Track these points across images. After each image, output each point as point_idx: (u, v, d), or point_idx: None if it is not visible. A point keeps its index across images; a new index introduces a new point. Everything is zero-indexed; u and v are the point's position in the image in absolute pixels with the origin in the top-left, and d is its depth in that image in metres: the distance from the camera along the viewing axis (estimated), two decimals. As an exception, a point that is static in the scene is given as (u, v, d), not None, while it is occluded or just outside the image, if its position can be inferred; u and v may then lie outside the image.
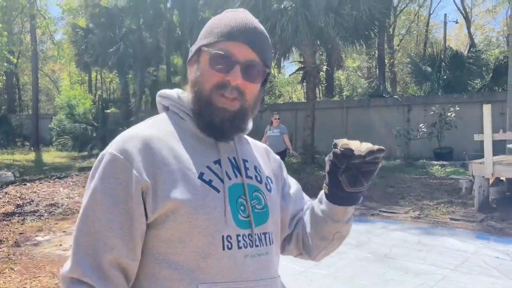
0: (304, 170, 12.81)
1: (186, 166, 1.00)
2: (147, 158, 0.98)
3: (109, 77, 30.85)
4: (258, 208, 1.05)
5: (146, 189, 0.96)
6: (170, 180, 0.97)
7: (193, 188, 0.98)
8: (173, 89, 1.16)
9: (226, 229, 0.98)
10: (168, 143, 1.02)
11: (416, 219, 6.84)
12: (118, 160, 0.97)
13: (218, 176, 1.02)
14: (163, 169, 0.97)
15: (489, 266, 4.60)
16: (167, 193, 0.95)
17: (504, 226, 6.23)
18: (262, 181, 1.11)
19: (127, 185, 0.95)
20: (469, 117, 13.90)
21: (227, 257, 0.97)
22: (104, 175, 0.97)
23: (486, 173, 7.06)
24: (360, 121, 16.74)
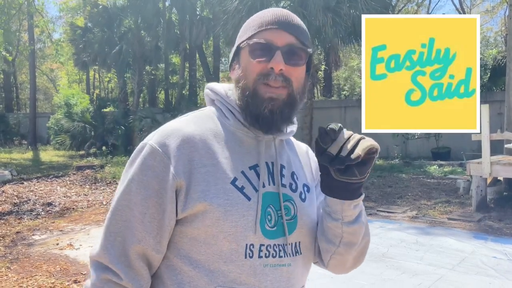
0: (302, 170, 12.78)
1: (221, 170, 0.99)
2: (185, 156, 0.98)
3: (107, 76, 30.79)
4: (287, 219, 1.03)
5: (180, 187, 0.97)
6: (203, 182, 0.97)
7: (224, 193, 0.97)
8: (221, 84, 1.15)
9: (251, 237, 0.98)
10: (207, 142, 1.02)
11: (414, 219, 6.85)
12: (157, 153, 0.98)
13: (252, 183, 1.01)
14: (198, 170, 0.98)
15: (486, 266, 4.60)
16: (199, 194, 0.96)
17: (501, 226, 6.23)
18: (298, 189, 1.08)
19: (163, 180, 0.97)
20: (467, 117, 13.90)
21: (248, 265, 0.98)
22: (143, 166, 0.99)
23: (484, 173, 7.07)
24: (358, 121, 16.69)
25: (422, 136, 14.07)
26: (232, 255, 0.97)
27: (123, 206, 0.99)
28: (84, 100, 19.52)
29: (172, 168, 0.97)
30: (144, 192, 0.98)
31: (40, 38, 28.91)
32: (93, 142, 18.29)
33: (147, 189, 0.97)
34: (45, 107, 37.56)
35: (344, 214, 1.02)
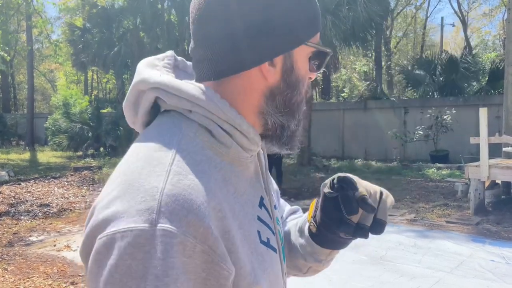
0: (300, 172, 12.81)
1: (247, 227, 0.69)
2: (220, 230, 0.62)
3: (105, 77, 30.77)
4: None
5: (232, 283, 0.63)
6: (245, 257, 0.66)
7: (263, 260, 0.70)
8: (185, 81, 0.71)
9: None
10: (223, 194, 0.66)
11: (412, 222, 6.84)
12: (186, 243, 0.57)
13: (269, 227, 0.75)
14: (235, 242, 0.64)
15: (484, 269, 4.60)
16: (248, 278, 0.65)
17: (499, 230, 6.24)
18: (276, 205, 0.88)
19: (207, 279, 0.59)
20: (465, 120, 13.95)
21: None
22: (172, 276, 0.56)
23: (482, 176, 7.08)
24: (356, 123, 16.77)
25: (421, 138, 14.10)
26: None
27: None
28: (83, 101, 19.50)
29: (218, 259, 0.60)
30: None
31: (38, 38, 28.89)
32: (91, 143, 18.26)
33: None
34: (42, 108, 37.53)
35: (330, 257, 0.91)
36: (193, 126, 0.69)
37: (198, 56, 0.73)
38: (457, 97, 15.04)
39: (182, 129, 0.68)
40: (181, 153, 0.64)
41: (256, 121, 0.73)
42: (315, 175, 12.16)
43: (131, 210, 0.57)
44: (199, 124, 0.69)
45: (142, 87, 0.71)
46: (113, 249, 0.56)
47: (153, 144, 0.66)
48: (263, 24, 0.68)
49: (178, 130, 0.68)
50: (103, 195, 0.63)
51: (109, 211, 0.59)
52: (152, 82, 0.70)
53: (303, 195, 9.25)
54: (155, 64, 0.75)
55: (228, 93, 0.71)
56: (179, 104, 0.69)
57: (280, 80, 0.72)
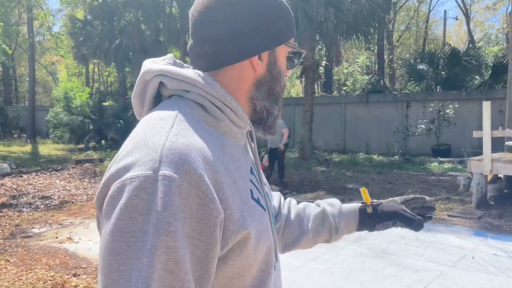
0: (302, 165, 12.80)
1: (240, 184, 0.81)
2: (212, 180, 0.73)
3: (106, 70, 30.71)
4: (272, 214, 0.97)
5: (221, 222, 0.73)
6: (235, 206, 0.76)
7: (253, 212, 0.80)
8: (185, 68, 0.88)
9: (275, 249, 0.89)
10: (218, 155, 0.78)
11: (414, 215, 6.83)
12: (181, 186, 0.69)
13: (259, 190, 0.87)
14: (227, 193, 0.75)
15: (486, 263, 4.59)
16: (237, 223, 0.75)
17: (501, 223, 6.23)
18: (262, 179, 0.97)
19: (201, 220, 0.70)
20: (468, 114, 13.91)
21: (273, 279, 0.88)
22: (170, 211, 0.67)
23: (485, 170, 7.06)
24: (358, 117, 16.74)
25: (423, 132, 14.06)
26: (263, 277, 0.84)
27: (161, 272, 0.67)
28: (84, 93, 19.48)
29: (209, 201, 0.71)
30: (183, 244, 0.68)
31: (40, 31, 28.81)
32: (92, 135, 18.27)
33: (185, 239, 0.68)
34: (44, 100, 37.51)
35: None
36: (190, 104, 0.83)
37: (197, 52, 0.88)
38: (460, 91, 14.98)
39: (180, 105, 0.82)
40: (179, 121, 0.78)
41: (246, 105, 0.89)
42: (317, 169, 12.15)
43: (138, 161, 0.70)
44: (195, 102, 0.83)
45: (147, 77, 0.85)
46: (123, 192, 0.68)
47: (156, 116, 0.81)
48: (256, 25, 0.86)
49: (177, 106, 0.82)
50: (117, 156, 0.76)
51: (121, 164, 0.72)
52: (156, 70, 0.85)
53: (305, 188, 9.24)
54: (156, 62, 0.89)
55: (223, 81, 0.86)
56: (178, 86, 0.84)
57: (266, 72, 0.89)
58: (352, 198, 8.15)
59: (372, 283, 4.05)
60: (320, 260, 4.68)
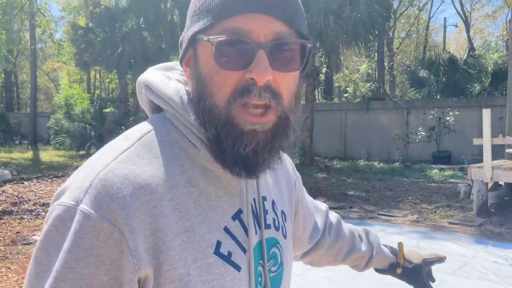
0: (302, 172, 12.77)
1: (200, 234, 0.66)
2: (147, 225, 0.62)
3: (108, 77, 30.85)
4: (273, 271, 0.80)
5: (146, 279, 0.63)
6: (179, 262, 0.64)
7: (208, 271, 0.66)
8: (172, 81, 0.76)
9: None
10: (175, 193, 0.66)
11: (415, 223, 6.84)
12: (100, 227, 0.59)
13: (238, 242, 0.71)
14: (169, 245, 0.63)
15: (487, 271, 4.59)
16: (177, 283, 0.63)
17: (502, 231, 6.23)
18: (279, 225, 0.82)
19: (116, 268, 0.60)
20: (468, 121, 13.93)
21: None
22: (79, 250, 0.59)
23: (485, 178, 7.06)
24: (359, 124, 16.77)
25: (423, 139, 14.08)
26: None
27: None
28: (85, 100, 19.54)
29: (129, 251, 0.60)
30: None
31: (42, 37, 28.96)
32: (94, 142, 18.30)
33: (92, 286, 0.59)
34: (45, 107, 37.62)
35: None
36: (169, 124, 0.72)
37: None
38: (460, 98, 15.01)
39: (156, 125, 0.71)
40: (140, 144, 0.68)
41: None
42: (318, 176, 12.16)
43: (71, 187, 0.63)
44: (174, 124, 0.71)
45: (139, 84, 0.78)
46: (48, 219, 0.62)
47: (124, 135, 0.71)
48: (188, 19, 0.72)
49: (152, 125, 0.71)
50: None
51: (64, 185, 0.66)
52: (142, 81, 0.77)
53: (306, 195, 9.23)
54: (171, 67, 0.81)
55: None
56: (158, 103, 0.73)
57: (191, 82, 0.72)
58: (353, 205, 8.16)
59: (373, 291, 4.05)
60: (321, 268, 4.68)
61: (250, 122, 0.65)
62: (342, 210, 7.79)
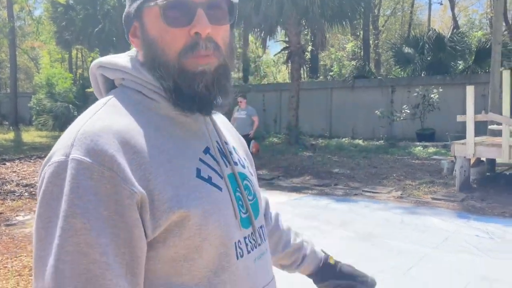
0: (288, 151, 12.84)
1: (180, 164, 0.78)
2: (132, 160, 0.73)
3: (90, 56, 30.23)
4: (250, 199, 0.90)
5: (142, 202, 0.72)
6: (168, 186, 0.74)
7: (195, 191, 0.77)
8: (119, 56, 0.88)
9: (236, 233, 0.83)
10: (149, 136, 0.77)
11: (399, 199, 6.93)
12: (92, 168, 0.69)
13: (214, 169, 0.84)
14: (155, 172, 0.74)
15: (469, 244, 4.69)
16: (169, 203, 0.73)
17: (484, 206, 6.35)
18: (245, 165, 0.95)
19: (115, 200, 0.70)
20: (452, 98, 14.05)
21: (241, 266, 0.82)
22: (79, 191, 0.68)
23: (468, 154, 7.17)
24: (344, 102, 16.80)
25: (408, 117, 14.19)
26: (223, 260, 0.79)
27: (72, 254, 0.67)
28: (67, 80, 19.17)
29: (122, 181, 0.70)
30: (95, 225, 0.68)
31: (20, 15, 28.13)
32: (77, 122, 18.05)
33: (97, 220, 0.68)
34: (26, 87, 36.81)
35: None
36: (127, 91, 0.84)
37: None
38: (444, 76, 15.11)
39: (117, 93, 0.84)
40: (108, 106, 0.80)
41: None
42: (303, 154, 12.21)
43: (58, 149, 0.74)
44: (132, 88, 0.84)
45: (93, 70, 0.89)
46: (44, 179, 0.72)
47: (90, 107, 0.83)
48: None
49: (114, 94, 0.84)
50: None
51: (49, 153, 0.75)
52: (96, 62, 0.89)
53: (291, 173, 9.29)
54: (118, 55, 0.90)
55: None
56: (115, 75, 0.86)
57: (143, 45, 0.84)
58: (338, 182, 8.23)
59: (357, 265, 4.09)
60: (306, 243, 4.73)
61: (200, 64, 0.79)
62: (327, 187, 7.85)
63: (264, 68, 26.64)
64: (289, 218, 5.73)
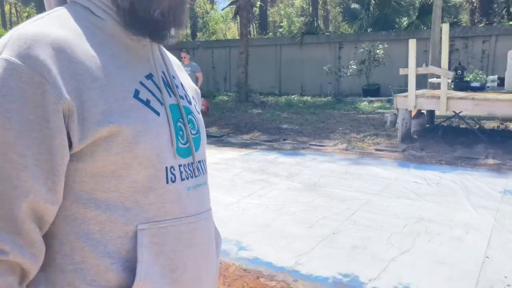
0: (238, 108, 12.82)
1: (118, 82, 0.77)
2: (66, 70, 0.72)
3: (25, 11, 28.26)
4: (193, 134, 0.91)
5: (69, 111, 0.72)
6: (101, 100, 0.74)
7: (130, 110, 0.77)
8: None
9: (170, 159, 0.82)
10: (89, 49, 0.76)
11: (344, 151, 7.16)
12: (21, 70, 0.69)
13: (155, 95, 0.83)
14: (90, 86, 0.74)
15: (408, 190, 4.96)
16: (99, 116, 0.73)
17: (422, 155, 6.69)
18: (191, 102, 0.95)
19: (40, 106, 0.69)
20: (396, 54, 14.41)
21: (171, 191, 0.82)
22: (3, 91, 0.68)
23: (409, 106, 7.45)
24: (293, 59, 16.82)
25: (354, 73, 14.46)
26: (152, 182, 0.79)
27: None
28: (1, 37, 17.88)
29: (51, 87, 0.69)
30: (16, 126, 0.68)
31: None
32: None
33: (19, 122, 0.68)
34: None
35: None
36: (77, 7, 0.83)
37: None
38: (389, 32, 15.40)
39: (66, 7, 0.82)
40: (52, 16, 0.79)
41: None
42: (253, 111, 12.24)
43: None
44: (81, 4, 0.83)
45: None
46: None
47: (41, 14, 0.81)
48: None
49: (62, 8, 0.82)
50: None
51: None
52: None
53: (241, 130, 9.32)
54: None
55: None
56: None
57: None
58: (286, 137, 8.36)
59: (303, 213, 4.26)
60: (255, 195, 4.82)
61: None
62: (276, 142, 7.96)
63: (213, 24, 26.00)
64: (238, 173, 5.79)
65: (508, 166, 5.95)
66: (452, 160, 6.37)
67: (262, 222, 4.04)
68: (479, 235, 3.66)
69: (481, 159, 6.33)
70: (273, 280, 2.97)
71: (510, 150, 6.69)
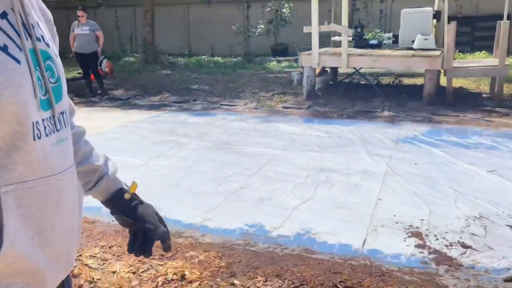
0: (145, 70, 12.40)
1: None
2: None
3: None
4: (52, 82, 0.83)
5: None
6: None
7: None
8: None
9: (34, 113, 0.75)
10: None
11: (254, 110, 7.29)
12: None
13: (12, 39, 0.74)
14: None
15: (311, 143, 5.21)
16: None
17: (326, 110, 7.03)
18: (49, 44, 0.86)
19: None
20: (303, 14, 14.63)
21: (38, 148, 0.76)
22: None
23: (313, 63, 7.71)
24: (201, 18, 16.45)
25: (263, 33, 14.54)
26: (17, 140, 0.73)
27: None
28: None
29: None
30: None
31: None
32: None
33: None
34: None
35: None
36: None
37: None
38: (295, -9, 15.58)
39: None
40: None
41: None
42: (161, 73, 11.90)
43: None
44: None
45: None
46: None
47: None
48: None
49: None
50: None
51: None
52: None
53: (149, 92, 9.04)
54: None
55: None
56: None
57: None
58: (197, 98, 8.29)
59: (213, 171, 4.31)
60: (163, 156, 4.77)
61: None
62: (186, 103, 7.87)
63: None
64: (146, 135, 5.67)
65: (400, 117, 6.47)
66: (352, 114, 6.77)
67: (170, 182, 4.04)
68: (373, 181, 3.99)
69: (378, 112, 6.81)
70: (181, 236, 3.01)
71: (403, 102, 7.27)
